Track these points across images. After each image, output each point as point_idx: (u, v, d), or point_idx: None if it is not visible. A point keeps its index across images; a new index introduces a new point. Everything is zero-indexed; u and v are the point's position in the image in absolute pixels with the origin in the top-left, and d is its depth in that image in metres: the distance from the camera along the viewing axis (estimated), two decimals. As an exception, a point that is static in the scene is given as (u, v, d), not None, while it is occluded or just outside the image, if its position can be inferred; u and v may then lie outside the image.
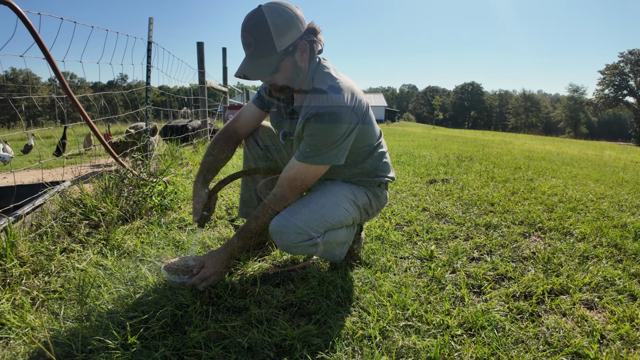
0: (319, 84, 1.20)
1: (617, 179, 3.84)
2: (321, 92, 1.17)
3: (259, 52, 1.13)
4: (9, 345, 0.98)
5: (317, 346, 0.99)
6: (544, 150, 7.86)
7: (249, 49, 1.14)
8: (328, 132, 1.15)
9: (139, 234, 1.71)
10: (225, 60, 6.73)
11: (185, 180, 2.71)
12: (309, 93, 1.21)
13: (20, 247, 1.38)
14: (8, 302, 1.13)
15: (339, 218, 1.27)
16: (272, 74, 1.17)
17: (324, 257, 1.38)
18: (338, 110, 1.14)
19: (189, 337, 1.00)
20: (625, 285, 1.37)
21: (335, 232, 1.28)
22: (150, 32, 3.09)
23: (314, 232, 1.20)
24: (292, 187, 1.21)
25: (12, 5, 1.55)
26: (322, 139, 1.16)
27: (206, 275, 1.18)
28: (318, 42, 1.23)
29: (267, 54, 1.13)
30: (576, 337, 1.08)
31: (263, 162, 1.51)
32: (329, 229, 1.25)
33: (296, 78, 1.21)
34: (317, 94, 1.18)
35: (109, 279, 1.27)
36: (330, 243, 1.27)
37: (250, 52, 1.14)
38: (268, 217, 1.22)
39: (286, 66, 1.17)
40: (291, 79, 1.21)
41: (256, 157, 1.51)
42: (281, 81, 1.20)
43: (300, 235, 1.18)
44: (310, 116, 1.15)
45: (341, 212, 1.28)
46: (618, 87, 43.46)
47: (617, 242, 1.79)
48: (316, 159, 1.18)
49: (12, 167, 4.79)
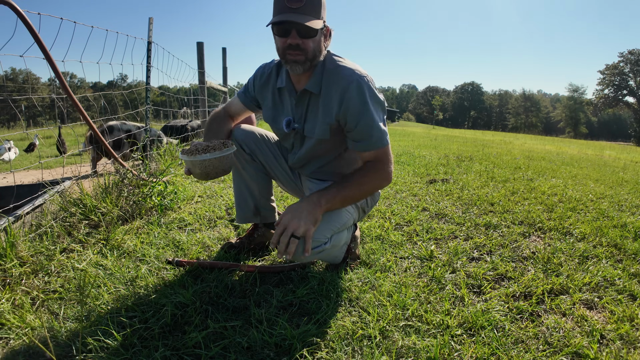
0: (334, 66, 1.22)
1: (617, 179, 3.84)
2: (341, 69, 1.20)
3: (309, 9, 1.10)
4: (9, 345, 0.98)
5: (317, 346, 0.99)
6: (544, 150, 7.86)
7: (297, 2, 1.09)
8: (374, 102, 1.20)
9: (138, 234, 1.71)
10: (225, 60, 6.73)
11: (185, 180, 2.71)
12: (324, 74, 1.22)
13: (20, 247, 1.38)
14: (8, 302, 1.13)
15: (342, 221, 1.28)
16: (308, 36, 1.13)
17: (326, 260, 1.38)
18: (369, 81, 1.20)
19: (189, 337, 1.00)
20: (625, 285, 1.37)
21: (338, 236, 1.29)
22: (150, 32, 3.09)
23: (323, 238, 1.21)
24: (387, 168, 1.23)
25: (12, 5, 1.55)
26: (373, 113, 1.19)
27: (302, 233, 1.07)
28: (328, 40, 1.24)
29: (314, 15, 1.11)
30: (576, 337, 1.08)
31: (251, 167, 1.49)
32: (335, 233, 1.26)
33: (318, 56, 1.19)
34: (337, 72, 1.20)
35: (108, 279, 1.27)
36: (334, 247, 1.28)
37: (299, 5, 1.09)
38: (368, 194, 1.26)
39: (319, 37, 1.16)
40: (315, 54, 1.18)
41: (243, 163, 1.48)
42: (310, 50, 1.15)
43: (312, 241, 1.17)
44: (346, 89, 1.17)
45: (344, 215, 1.29)
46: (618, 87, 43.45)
47: (617, 242, 1.79)
48: (384, 139, 1.22)
49: (12, 167, 4.79)
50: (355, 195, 1.21)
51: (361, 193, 1.22)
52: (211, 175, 1.22)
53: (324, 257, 1.29)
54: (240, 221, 1.58)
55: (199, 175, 1.22)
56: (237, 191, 1.55)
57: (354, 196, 1.21)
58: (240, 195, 1.54)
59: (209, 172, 1.21)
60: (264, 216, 1.56)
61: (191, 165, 1.20)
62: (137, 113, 3.21)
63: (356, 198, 1.23)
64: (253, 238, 1.56)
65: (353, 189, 1.19)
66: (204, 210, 2.06)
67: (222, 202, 2.22)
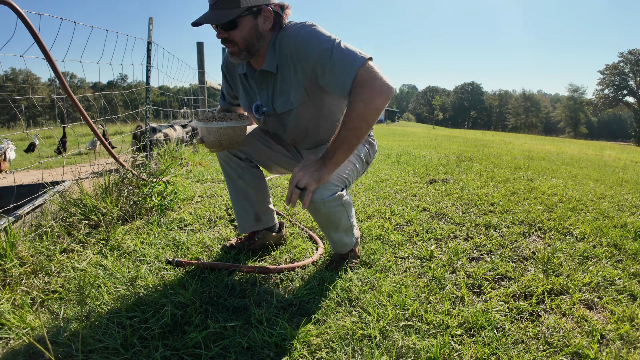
0: (281, 36, 1.21)
1: (617, 179, 3.84)
2: (286, 33, 1.19)
3: (223, 3, 1.13)
4: (9, 345, 0.98)
5: (316, 346, 0.99)
6: (544, 150, 7.86)
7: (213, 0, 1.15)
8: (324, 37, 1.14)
9: (138, 234, 1.71)
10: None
11: (185, 180, 2.71)
12: (277, 49, 1.21)
13: (20, 247, 1.38)
14: (8, 302, 1.13)
15: (350, 172, 1.33)
16: (230, 29, 1.16)
17: (336, 246, 1.41)
18: (312, 25, 1.18)
19: (189, 337, 1.00)
20: (625, 285, 1.37)
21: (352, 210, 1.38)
22: (150, 32, 3.09)
23: (334, 187, 1.24)
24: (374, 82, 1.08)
25: (12, 5, 1.55)
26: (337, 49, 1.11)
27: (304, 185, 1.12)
28: (283, 17, 1.23)
29: (230, 6, 1.13)
30: (576, 337, 1.07)
31: (247, 173, 1.49)
32: (346, 186, 1.31)
33: (255, 43, 1.20)
34: (284, 38, 1.19)
35: (108, 279, 1.27)
36: (347, 206, 1.32)
37: (214, 1, 1.14)
38: (365, 128, 1.12)
39: (246, 25, 1.16)
40: (250, 42, 1.19)
41: (239, 171, 1.48)
42: (239, 40, 1.17)
43: (328, 189, 1.21)
44: (294, 45, 1.16)
45: (351, 167, 1.33)
46: (618, 87, 43.46)
47: (617, 242, 1.79)
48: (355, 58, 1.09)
49: (11, 167, 4.79)
50: (354, 133, 1.11)
51: (359, 127, 1.11)
52: (224, 145, 1.28)
53: (336, 221, 1.30)
54: (243, 231, 1.56)
55: (212, 143, 1.27)
56: (235, 201, 1.54)
57: (354, 134, 1.11)
58: (239, 205, 1.53)
59: (222, 141, 1.27)
60: (265, 221, 1.56)
61: (206, 132, 1.25)
62: (137, 113, 3.21)
63: (357, 135, 1.12)
64: (253, 241, 1.55)
65: (348, 128, 1.11)
66: (204, 210, 2.06)
67: (222, 202, 2.22)
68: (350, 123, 1.11)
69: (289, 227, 1.84)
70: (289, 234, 1.74)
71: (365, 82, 1.08)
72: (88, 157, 4.03)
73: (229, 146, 1.30)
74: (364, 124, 1.11)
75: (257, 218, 1.54)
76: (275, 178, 2.90)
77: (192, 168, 3.20)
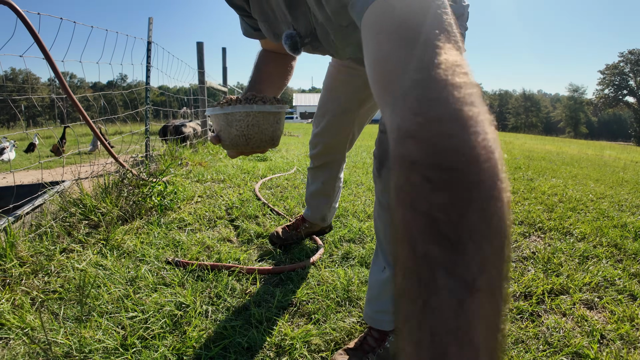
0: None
1: (617, 179, 3.84)
2: None
3: None
4: (9, 345, 0.98)
5: (317, 346, 0.99)
6: (544, 150, 7.86)
7: None
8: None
9: (138, 234, 1.71)
10: (225, 60, 6.73)
11: (185, 180, 2.71)
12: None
13: (20, 247, 1.37)
14: (8, 303, 1.13)
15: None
16: None
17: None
18: None
19: (189, 337, 1.00)
20: (625, 285, 1.37)
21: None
22: (150, 32, 3.09)
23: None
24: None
25: (12, 5, 1.55)
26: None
27: None
28: None
29: None
30: (576, 337, 1.07)
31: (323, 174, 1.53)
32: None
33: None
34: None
35: (108, 279, 1.27)
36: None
37: None
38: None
39: None
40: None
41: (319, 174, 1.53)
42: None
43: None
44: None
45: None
46: (618, 87, 43.48)
47: (617, 242, 1.79)
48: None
49: (11, 167, 4.79)
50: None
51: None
52: (251, 142, 0.80)
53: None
54: (309, 219, 1.62)
55: (233, 140, 0.80)
56: (310, 192, 1.58)
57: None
58: (314, 198, 1.58)
59: (249, 136, 0.79)
60: (328, 220, 1.65)
61: (225, 123, 0.79)
62: (137, 113, 3.21)
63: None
64: (299, 230, 1.62)
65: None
66: (203, 210, 2.06)
67: (222, 202, 2.22)
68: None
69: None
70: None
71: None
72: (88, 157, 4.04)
73: (259, 144, 0.81)
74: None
75: (323, 217, 1.62)
76: (275, 178, 2.90)
77: (192, 168, 3.20)
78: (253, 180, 2.80)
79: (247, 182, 2.72)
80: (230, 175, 2.92)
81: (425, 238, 0.27)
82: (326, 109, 1.36)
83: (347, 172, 3.33)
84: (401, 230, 0.28)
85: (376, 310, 0.97)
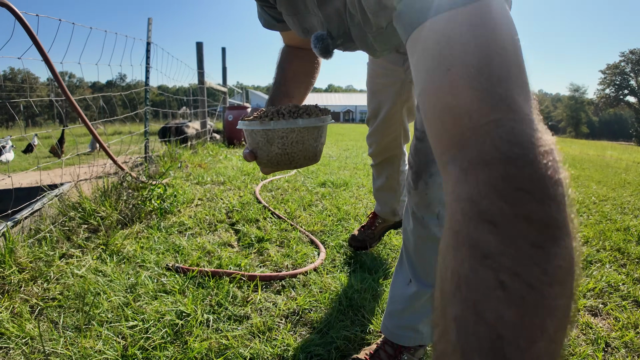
0: None
1: (619, 181, 3.83)
2: None
3: None
4: (9, 355, 0.97)
5: (320, 356, 0.98)
6: (545, 150, 7.83)
7: None
8: None
9: (138, 238, 1.70)
10: (225, 60, 6.71)
11: (185, 182, 2.69)
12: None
13: (19, 253, 1.36)
14: (7, 311, 1.12)
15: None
16: None
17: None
18: None
19: (190, 348, 0.99)
20: (629, 290, 1.36)
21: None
22: (149, 32, 3.08)
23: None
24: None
25: (10, 7, 1.53)
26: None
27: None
28: None
29: None
30: (581, 345, 1.06)
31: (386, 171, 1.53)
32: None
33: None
34: None
35: (108, 287, 1.26)
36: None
37: None
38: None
39: None
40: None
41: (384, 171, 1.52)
42: None
43: None
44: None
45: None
46: (619, 86, 43.48)
47: (620, 245, 1.78)
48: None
49: (9, 169, 4.77)
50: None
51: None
52: (295, 160, 0.70)
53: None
54: (380, 214, 1.64)
55: (274, 157, 0.69)
56: (377, 188, 1.59)
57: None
58: (381, 193, 1.60)
59: (292, 154, 0.69)
60: (399, 213, 1.64)
61: (265, 139, 0.68)
62: (137, 114, 3.19)
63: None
64: (374, 227, 1.63)
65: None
66: (204, 213, 2.04)
67: (222, 206, 2.21)
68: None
69: (290, 231, 1.83)
70: (291, 239, 1.72)
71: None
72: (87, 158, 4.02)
73: (301, 161, 0.71)
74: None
75: (394, 212, 1.61)
76: (275, 180, 2.88)
77: (192, 170, 3.18)
78: (253, 182, 2.78)
79: (248, 185, 2.71)
80: (230, 177, 2.90)
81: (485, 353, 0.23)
82: (372, 111, 1.41)
83: (348, 174, 3.32)
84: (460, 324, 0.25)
85: (398, 326, 0.92)
